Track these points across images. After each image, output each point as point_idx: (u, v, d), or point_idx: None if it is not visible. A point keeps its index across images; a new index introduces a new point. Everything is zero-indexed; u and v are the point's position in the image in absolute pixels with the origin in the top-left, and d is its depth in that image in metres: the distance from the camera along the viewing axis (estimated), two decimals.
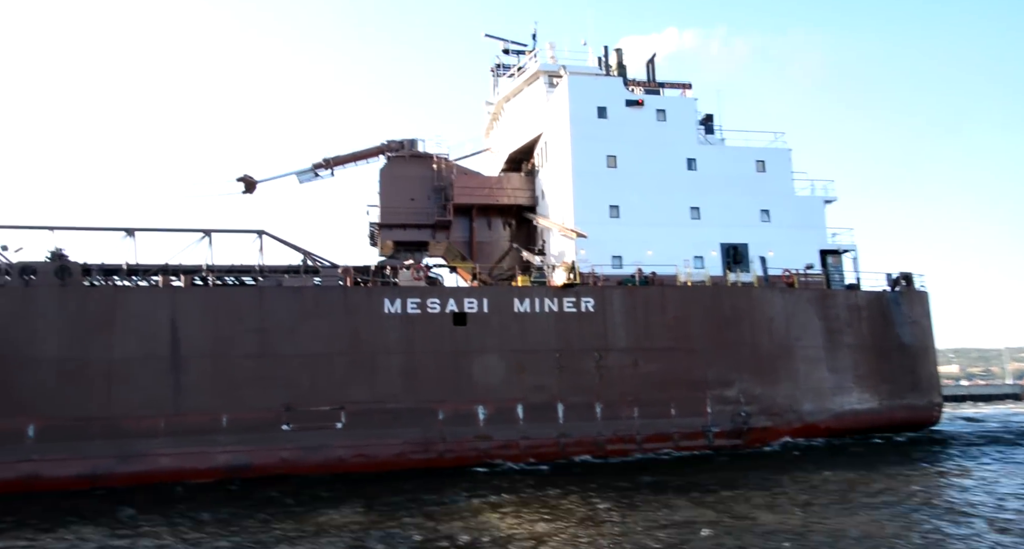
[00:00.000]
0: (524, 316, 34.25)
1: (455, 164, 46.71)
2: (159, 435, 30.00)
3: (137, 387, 30.19)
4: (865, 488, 24.57)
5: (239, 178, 46.18)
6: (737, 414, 35.62)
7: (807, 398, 36.96)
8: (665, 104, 41.48)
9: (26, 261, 31.12)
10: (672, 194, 40.04)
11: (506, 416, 33.12)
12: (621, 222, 39.21)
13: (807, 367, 37.25)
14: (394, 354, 32.76)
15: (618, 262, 38.57)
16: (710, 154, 41.37)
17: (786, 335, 37.22)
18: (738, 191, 40.78)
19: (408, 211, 44.79)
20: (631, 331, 35.11)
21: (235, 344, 31.41)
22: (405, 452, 31.85)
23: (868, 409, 38.19)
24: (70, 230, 35.62)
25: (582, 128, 39.97)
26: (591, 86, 40.85)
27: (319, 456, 31.06)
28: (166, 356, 30.72)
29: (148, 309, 30.99)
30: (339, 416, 31.71)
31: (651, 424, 34.38)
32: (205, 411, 30.55)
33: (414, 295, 33.50)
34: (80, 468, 28.94)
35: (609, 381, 34.37)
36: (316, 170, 46.82)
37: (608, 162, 39.93)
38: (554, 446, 33.24)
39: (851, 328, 38.62)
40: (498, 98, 49.71)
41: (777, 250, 40.17)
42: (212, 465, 30.06)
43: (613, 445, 33.75)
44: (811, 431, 36.60)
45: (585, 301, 34.93)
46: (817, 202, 42.08)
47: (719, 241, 39.97)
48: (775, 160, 41.84)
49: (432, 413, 32.50)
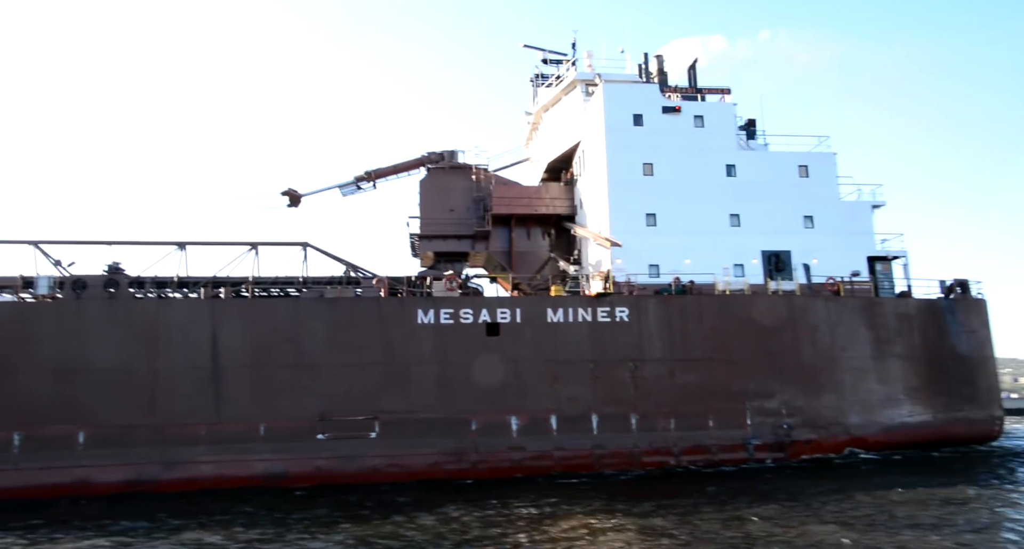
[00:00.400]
0: (557, 326, 34.05)
1: (494, 174, 46.93)
2: (200, 443, 30.89)
3: (180, 396, 31.19)
4: (928, 506, 23.62)
5: (283, 192, 47.47)
6: (779, 426, 34.59)
7: (854, 410, 35.63)
8: (703, 110, 40.82)
9: (78, 275, 32.57)
10: (711, 201, 39.32)
11: (540, 427, 32.94)
12: (658, 230, 38.69)
13: (854, 378, 35.93)
14: (427, 364, 32.99)
15: (655, 271, 38.06)
16: (750, 160, 40.49)
17: (831, 345, 36.00)
18: (780, 197, 39.77)
19: (447, 222, 45.10)
20: (667, 341, 34.53)
21: (272, 355, 32.15)
22: (438, 462, 31.97)
23: (921, 422, 36.56)
24: (125, 245, 37.35)
25: (617, 136, 39.66)
26: (627, 93, 40.53)
27: (353, 465, 31.45)
28: (207, 366, 31.65)
29: (190, 321, 32.02)
30: (373, 426, 32.07)
31: (688, 436, 33.68)
32: (244, 420, 31.32)
33: (447, 305, 33.70)
34: (127, 474, 30.02)
35: (645, 392, 33.85)
36: (358, 183, 47.71)
37: (644, 170, 39.49)
38: (588, 457, 32.87)
39: (901, 338, 37.11)
40: (537, 108, 49.82)
41: (822, 257, 38.95)
42: (250, 473, 30.76)
43: (649, 457, 33.19)
44: (859, 445, 35.25)
45: (620, 311, 34.53)
46: (864, 207, 40.67)
47: (760, 249, 39.02)
48: (818, 165, 40.66)
49: (465, 423, 32.57)
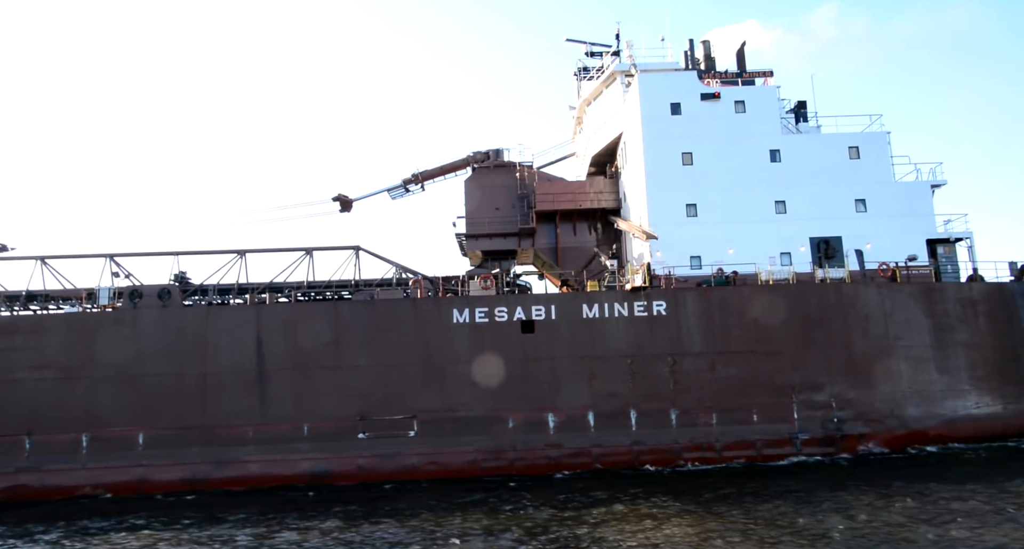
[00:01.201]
0: (593, 322, 33.78)
1: (538, 171, 46.84)
2: (248, 443, 32.30)
3: (228, 398, 32.70)
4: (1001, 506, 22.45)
5: (334, 198, 48.88)
6: (829, 420, 33.19)
7: (911, 402, 33.78)
8: (744, 95, 39.50)
9: (135, 285, 34.60)
10: (754, 188, 38.06)
11: (577, 424, 32.78)
12: (699, 221, 37.77)
13: (911, 368, 34.06)
14: (463, 363, 33.36)
15: (697, 262, 37.18)
16: (796, 144, 38.93)
17: (884, 334, 34.22)
18: (829, 181, 38.08)
19: (493, 220, 45.33)
20: (707, 334, 33.67)
21: (313, 357, 33.25)
22: (476, 460, 32.31)
23: (990, 414, 34.30)
24: (191, 255, 39.51)
25: (654, 126, 38.92)
26: (663, 83, 39.68)
27: (393, 464, 32.19)
28: (252, 369, 33.05)
29: (236, 326, 33.49)
30: (411, 425, 32.71)
31: (731, 431, 32.78)
32: (288, 420, 32.55)
33: (482, 304, 33.96)
34: (182, 473, 31.74)
35: (684, 387, 33.15)
36: (406, 185, 48.61)
37: (683, 159, 38.60)
38: (627, 454, 32.49)
39: (965, 324, 34.89)
40: (580, 102, 49.40)
41: (876, 242, 37.06)
42: (295, 472, 31.95)
43: (690, 453, 32.51)
44: (917, 438, 33.39)
45: (657, 305, 33.93)
46: (922, 187, 38.40)
47: (808, 235, 37.50)
48: (870, 145, 38.67)
49: (502, 421, 32.77)
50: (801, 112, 43.01)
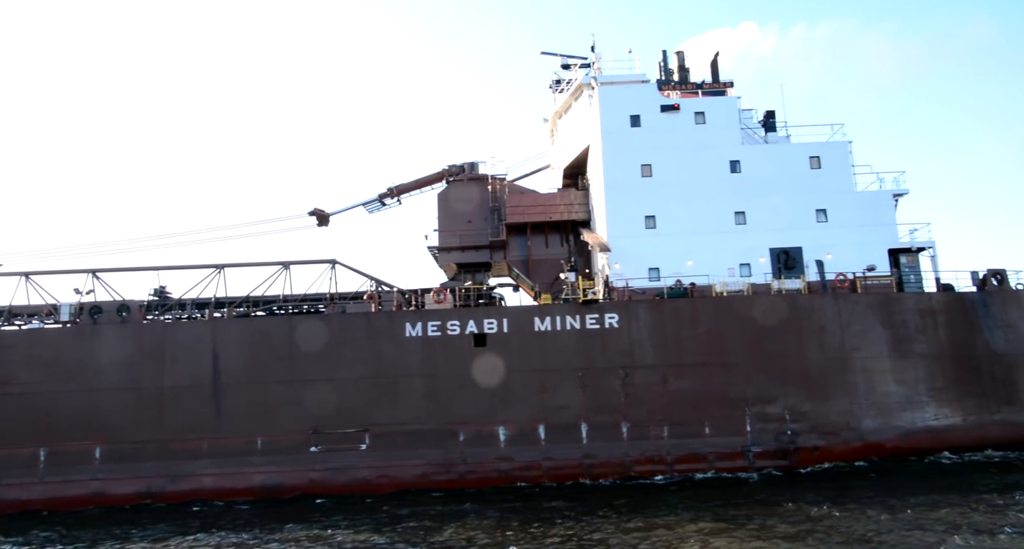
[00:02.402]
0: (545, 335, 33.85)
1: (510, 183, 47.04)
2: (203, 457, 32.68)
3: (184, 412, 33.12)
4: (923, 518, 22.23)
5: (310, 212, 49.36)
6: (782, 433, 32.93)
7: (868, 414, 33.42)
8: (704, 106, 39.46)
9: (94, 302, 35.24)
10: (714, 200, 37.96)
11: (528, 437, 32.82)
12: (658, 233, 37.74)
13: (868, 380, 33.70)
14: (416, 377, 33.56)
15: (655, 274, 37.13)
16: (756, 154, 38.80)
17: (840, 345, 33.93)
18: (789, 191, 37.89)
19: (465, 233, 45.58)
20: (659, 346, 33.60)
21: (268, 371, 33.61)
22: (427, 473, 32.44)
23: (949, 426, 33.82)
24: (170, 269, 40.17)
25: (613, 139, 39.01)
26: (623, 95, 39.77)
27: (345, 477, 32.40)
28: (208, 384, 33.47)
29: (193, 341, 33.96)
30: (363, 438, 32.93)
31: (683, 444, 32.63)
32: (242, 434, 32.89)
33: (434, 318, 34.17)
34: (137, 487, 32.17)
35: (636, 399, 33.07)
36: (382, 199, 49.01)
37: (643, 171, 38.63)
38: (578, 467, 32.45)
39: (924, 335, 34.48)
40: (552, 114, 49.60)
41: (837, 252, 36.80)
42: (249, 485, 32.27)
43: (641, 466, 32.40)
44: (874, 451, 32.99)
45: (609, 317, 33.93)
46: (884, 197, 38.08)
47: (768, 246, 37.31)
48: (831, 155, 38.45)
49: (453, 435, 32.88)
50: (770, 122, 42.91)
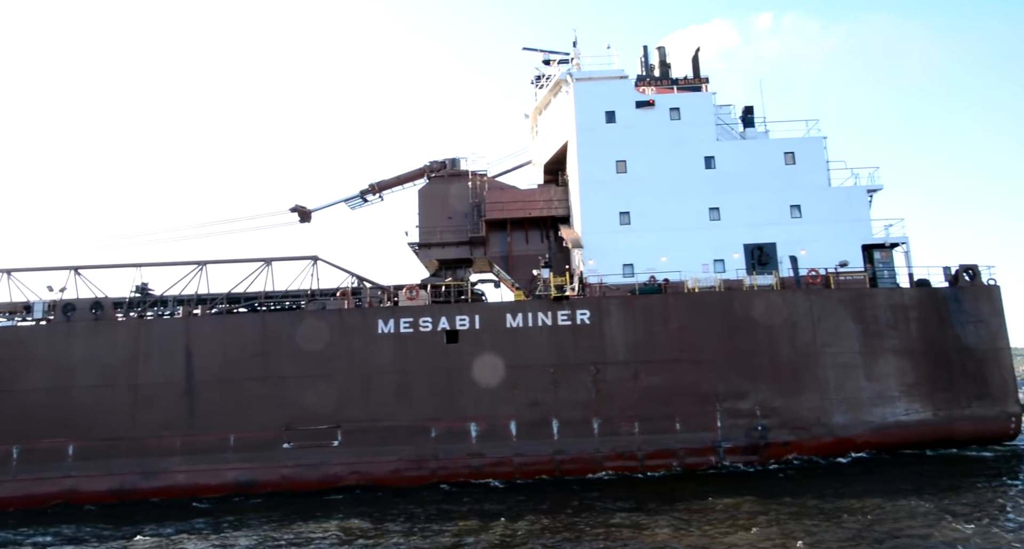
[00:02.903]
0: (516, 331, 33.95)
1: (490, 179, 47.02)
2: (176, 454, 32.81)
3: (157, 410, 33.24)
4: (874, 515, 22.30)
5: (292, 209, 49.38)
6: (753, 428, 33.05)
7: (839, 410, 33.54)
8: (679, 102, 39.44)
9: (67, 299, 35.30)
10: (688, 196, 37.98)
11: (499, 433, 32.94)
12: (632, 229, 37.78)
13: (839, 376, 33.81)
14: (388, 373, 33.67)
15: (629, 270, 37.19)
16: (731, 150, 38.80)
17: (812, 341, 34.03)
18: (764, 187, 37.90)
19: (445, 229, 45.61)
20: (630, 343, 33.69)
21: (241, 368, 33.71)
22: (399, 469, 32.58)
23: (920, 421, 33.94)
24: (153, 266, 40.17)
25: (588, 135, 39.03)
26: (598, 91, 39.75)
27: (317, 473, 32.54)
28: (182, 381, 33.58)
29: (166, 339, 34.05)
30: (336, 435, 33.06)
31: (654, 440, 32.75)
32: (215, 431, 33.02)
33: (406, 315, 34.25)
34: (110, 484, 32.31)
35: (607, 396, 33.19)
36: (364, 196, 48.99)
37: (617, 167, 38.65)
38: (549, 463, 32.59)
39: (895, 331, 34.57)
40: (533, 110, 49.55)
41: (811, 248, 36.84)
42: (222, 481, 32.40)
43: (612, 462, 32.54)
44: (845, 446, 33.15)
45: (580, 313, 34.02)
46: (859, 192, 38.07)
47: (742, 242, 37.35)
48: (806, 150, 38.45)
49: (425, 431, 33.02)
50: (748, 118, 42.90)
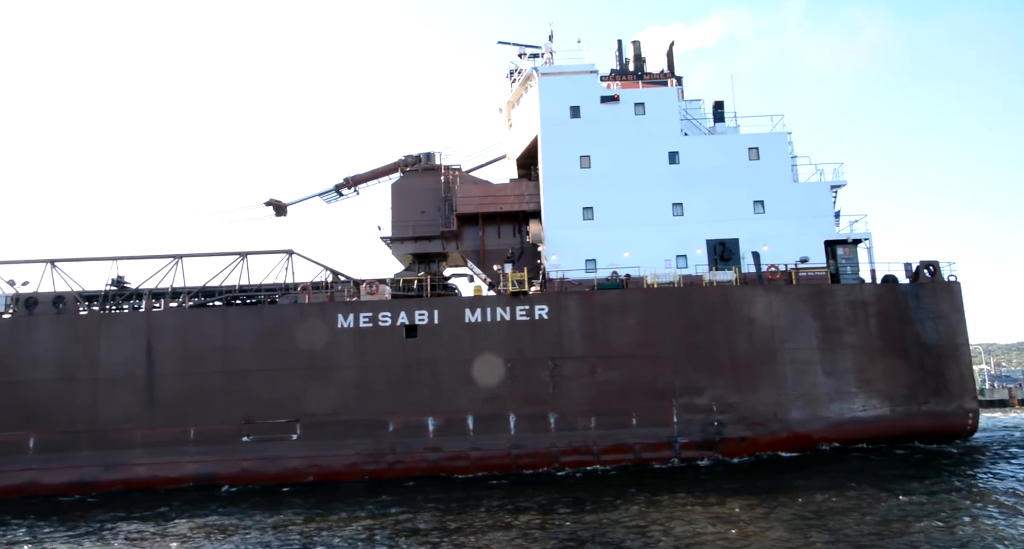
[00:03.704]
0: (475, 326, 34.08)
1: (463, 174, 47.08)
2: (136, 446, 33.10)
3: (118, 403, 33.50)
4: (814, 507, 22.35)
5: (266, 202, 49.54)
6: (709, 423, 33.19)
7: (796, 405, 33.66)
8: (644, 97, 39.43)
9: (29, 294, 35.53)
10: (652, 191, 38.02)
11: (456, 427, 33.15)
12: (595, 224, 37.85)
13: (796, 371, 33.92)
14: (347, 368, 33.86)
15: (592, 266, 37.27)
16: (695, 145, 38.79)
17: (770, 337, 34.11)
18: (727, 182, 37.91)
19: (418, 224, 45.71)
20: (588, 338, 33.82)
21: (202, 362, 33.93)
22: (357, 463, 32.82)
23: (877, 417, 34.07)
24: (129, 259, 40.34)
25: (553, 130, 39.09)
26: (563, 86, 39.75)
27: (276, 466, 32.80)
28: (143, 374, 33.82)
29: (128, 332, 34.26)
30: (295, 428, 33.30)
31: (610, 435, 32.92)
32: (176, 424, 33.28)
33: (366, 309, 34.42)
34: (71, 476, 32.59)
35: (565, 391, 33.34)
36: (339, 190, 49.14)
37: (581, 163, 38.69)
38: (505, 457, 32.79)
39: (854, 327, 34.65)
40: (506, 104, 49.54)
41: (774, 244, 36.86)
42: (181, 474, 32.68)
43: (568, 457, 32.71)
44: (801, 442, 33.27)
45: (539, 309, 34.14)
46: (822, 188, 38.07)
47: (705, 237, 37.40)
48: (770, 146, 38.42)
49: (383, 425, 33.23)
50: (718, 112, 42.84)
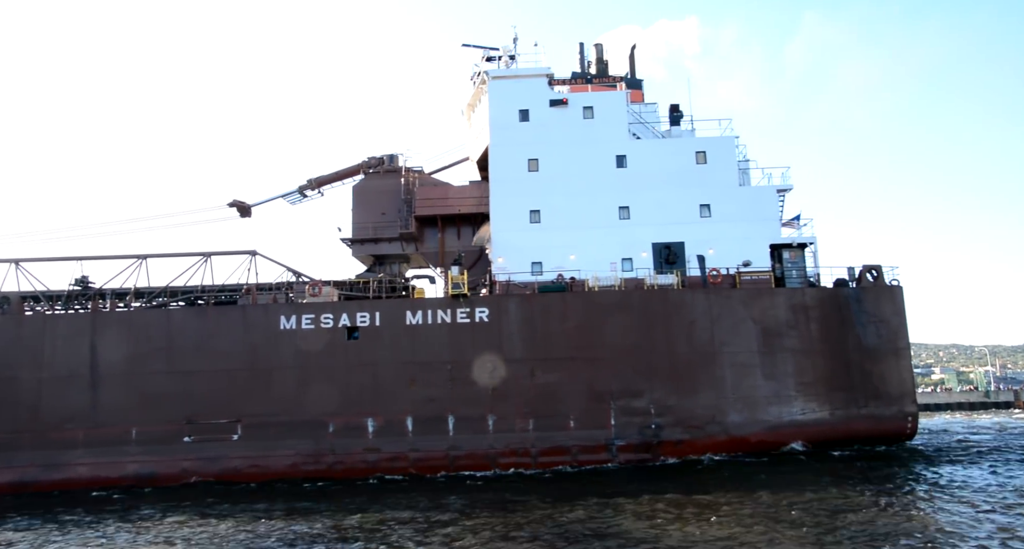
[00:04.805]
0: (416, 328, 34.30)
1: (422, 175, 47.27)
2: (79, 446, 33.36)
3: (62, 403, 33.76)
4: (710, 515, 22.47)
5: (230, 203, 49.74)
6: (647, 426, 33.37)
7: (735, 408, 33.82)
8: (593, 101, 39.60)
9: None
10: (599, 194, 38.19)
11: (395, 429, 33.37)
12: (542, 227, 38.03)
13: (736, 375, 34.07)
14: (289, 369, 34.09)
15: (538, 268, 37.46)
16: (643, 149, 38.96)
17: (710, 340, 34.28)
18: (674, 186, 38.06)
19: (378, 225, 45.94)
20: (528, 341, 34.01)
21: (146, 362, 34.19)
22: (297, 463, 33.06)
23: (815, 420, 34.21)
24: (93, 259, 40.61)
25: (502, 133, 39.29)
26: (513, 90, 39.95)
27: (217, 466, 33.05)
28: (86, 374, 34.09)
29: (72, 333, 34.53)
30: (236, 428, 33.54)
31: (548, 437, 33.11)
32: (118, 424, 33.54)
33: (308, 311, 34.65)
34: (11, 476, 32.86)
35: (503, 393, 33.54)
36: (303, 191, 49.35)
37: (529, 166, 38.89)
38: (444, 459, 33.00)
39: (795, 330, 34.79)
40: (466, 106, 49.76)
41: (720, 247, 37.03)
42: (123, 474, 32.95)
43: (506, 458, 32.92)
44: (739, 445, 33.43)
45: (480, 311, 34.34)
46: (768, 192, 38.22)
47: (651, 241, 37.56)
48: (717, 150, 38.57)
49: (323, 426, 33.46)
50: (674, 115, 43.01)
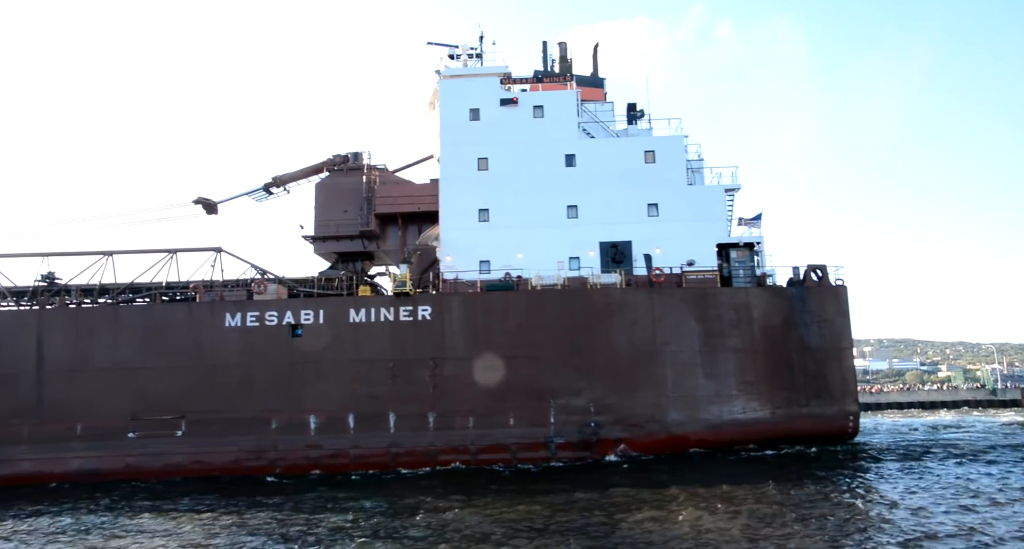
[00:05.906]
0: (359, 326, 34.53)
1: (385, 174, 47.43)
2: (23, 442, 33.68)
3: (6, 399, 34.08)
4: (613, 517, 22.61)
5: (195, 201, 49.98)
6: (586, 425, 33.56)
7: (675, 407, 33.98)
8: (543, 100, 39.72)
9: None
10: (548, 193, 38.33)
11: (337, 426, 33.63)
12: (491, 226, 38.20)
13: (677, 373, 34.23)
14: (233, 366, 34.35)
15: (486, 267, 37.64)
16: (592, 148, 39.08)
17: (651, 339, 34.43)
18: (623, 185, 38.19)
19: (341, 223, 46.09)
20: (470, 339, 34.22)
21: (91, 359, 34.49)
22: (239, 460, 33.35)
23: (755, 419, 34.36)
24: (59, 255, 40.88)
25: (452, 132, 39.43)
26: (464, 89, 40.07)
27: (160, 462, 33.35)
28: (32, 371, 34.40)
29: (18, 329, 34.85)
30: (180, 425, 33.84)
31: (487, 435, 33.34)
32: (62, 420, 33.85)
33: (253, 309, 34.90)
34: None
35: (444, 390, 33.76)
36: (268, 189, 49.52)
37: (479, 165, 39.03)
38: (384, 456, 33.27)
39: (737, 330, 34.92)
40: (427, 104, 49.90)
41: (667, 246, 37.16)
42: (66, 469, 33.27)
43: (446, 455, 33.16)
44: (679, 444, 33.60)
45: (422, 309, 34.55)
46: (716, 191, 38.32)
47: (599, 240, 37.70)
48: (666, 149, 38.66)
49: (266, 422, 33.74)
50: (632, 114, 43.11)
